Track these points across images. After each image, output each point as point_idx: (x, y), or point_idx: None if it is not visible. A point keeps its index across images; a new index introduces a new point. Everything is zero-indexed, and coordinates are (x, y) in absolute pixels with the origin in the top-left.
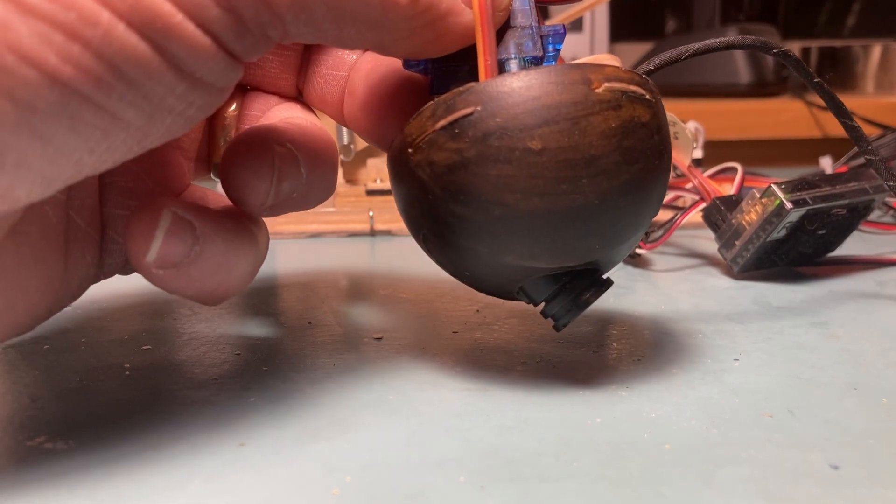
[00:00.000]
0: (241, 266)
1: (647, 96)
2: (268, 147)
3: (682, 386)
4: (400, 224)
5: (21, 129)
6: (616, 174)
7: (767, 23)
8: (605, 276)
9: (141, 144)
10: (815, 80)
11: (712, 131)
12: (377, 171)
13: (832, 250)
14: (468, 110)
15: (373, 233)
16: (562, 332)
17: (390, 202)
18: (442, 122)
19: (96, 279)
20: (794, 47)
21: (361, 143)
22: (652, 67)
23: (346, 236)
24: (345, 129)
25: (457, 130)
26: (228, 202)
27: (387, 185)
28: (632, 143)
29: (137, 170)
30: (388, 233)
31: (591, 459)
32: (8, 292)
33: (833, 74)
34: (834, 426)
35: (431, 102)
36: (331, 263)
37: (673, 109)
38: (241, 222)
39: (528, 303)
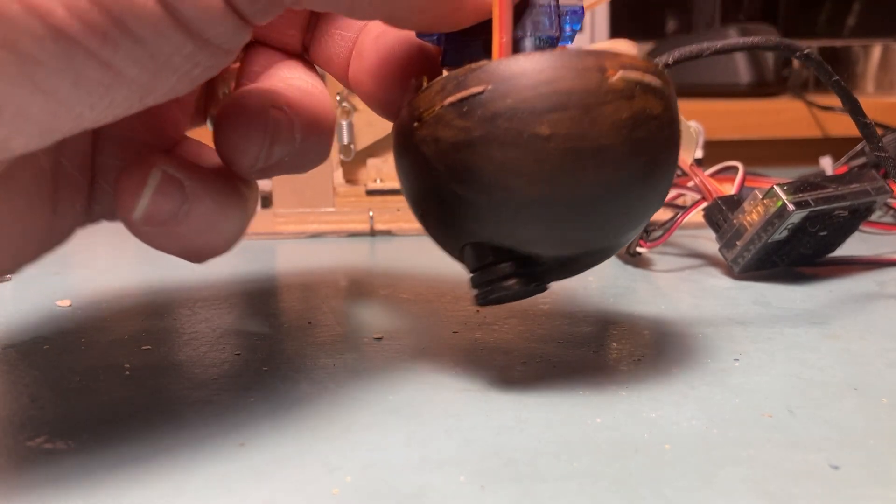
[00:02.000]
0: (228, 227)
1: (662, 88)
2: (263, 110)
3: (682, 386)
4: (400, 224)
5: (22, 82)
6: (623, 166)
7: (767, 23)
8: (544, 280)
9: (143, 102)
10: (835, 78)
11: (712, 131)
12: (377, 171)
13: (832, 251)
14: (479, 89)
15: (373, 233)
16: (562, 332)
17: (390, 202)
18: (451, 99)
19: (83, 225)
20: None
21: (361, 143)
22: (670, 61)
23: (346, 236)
24: (345, 129)
25: (465, 109)
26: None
27: (387, 185)
28: (642, 134)
29: (132, 119)
30: (388, 233)
31: (591, 459)
32: None
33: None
34: (834, 426)
35: (442, 77)
36: (331, 263)
37: None
38: (232, 182)
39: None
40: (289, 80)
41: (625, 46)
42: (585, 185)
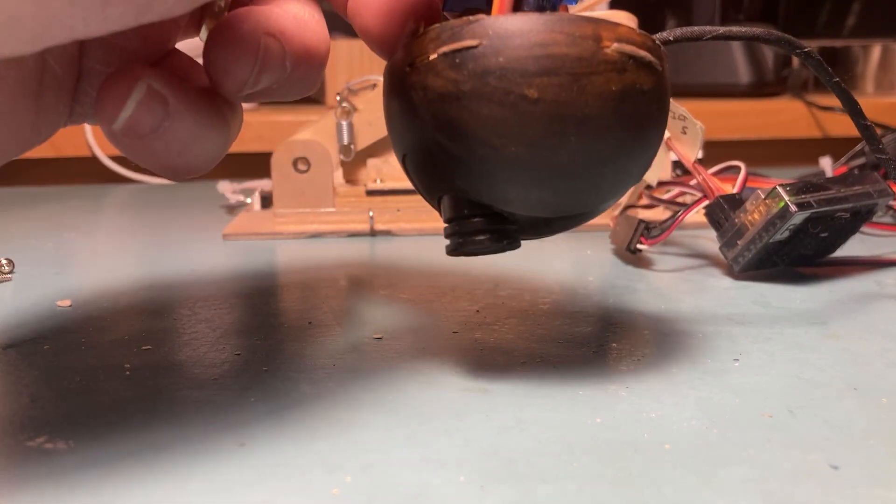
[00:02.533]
0: (207, 148)
1: (655, 63)
2: (256, 35)
3: (682, 386)
4: (400, 224)
5: None
6: (605, 138)
7: (767, 23)
8: (516, 238)
9: (138, 20)
10: (835, 79)
11: (712, 131)
12: (377, 171)
13: (833, 251)
14: (473, 42)
15: (373, 233)
16: (562, 332)
17: (390, 202)
18: (444, 49)
19: (66, 125)
20: None
21: (361, 143)
22: (671, 38)
23: (346, 236)
24: (345, 129)
25: (457, 60)
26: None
27: (387, 185)
28: (629, 109)
29: None
30: (388, 233)
31: (591, 459)
32: None
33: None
34: (834, 426)
35: (438, 25)
36: (331, 263)
37: None
38: (216, 104)
39: (440, 214)
40: (286, 6)
41: (624, 18)
42: (566, 153)
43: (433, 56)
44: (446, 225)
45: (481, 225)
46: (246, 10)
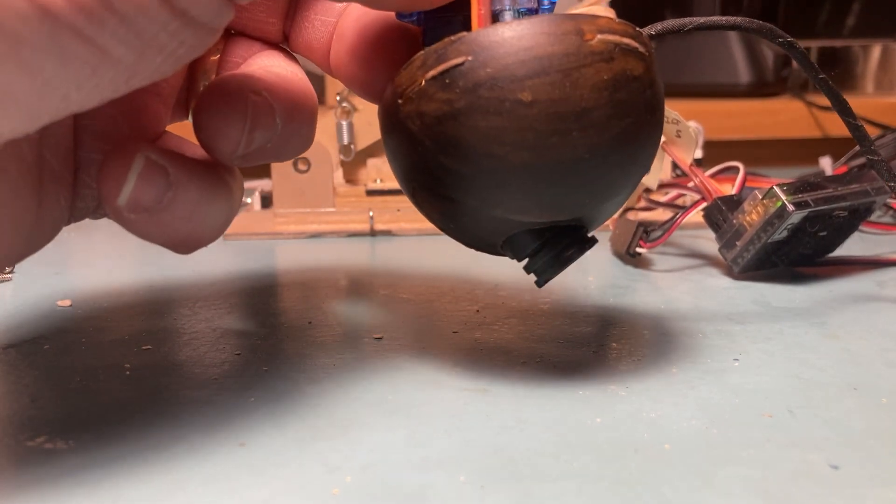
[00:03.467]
0: (214, 215)
1: (641, 49)
2: (242, 95)
3: (682, 386)
4: (400, 224)
5: (8, 61)
6: (607, 128)
7: (767, 22)
8: (589, 235)
9: (129, 83)
10: (820, 75)
11: (712, 131)
12: (377, 171)
13: (832, 251)
14: (459, 60)
15: (373, 233)
16: (562, 332)
17: (390, 202)
18: (432, 72)
19: (68, 222)
20: None
21: (361, 143)
22: (653, 32)
23: (346, 236)
24: (345, 129)
25: (447, 81)
26: (204, 152)
27: (387, 185)
28: (623, 96)
29: (113, 113)
30: (388, 233)
31: (591, 459)
32: None
33: (833, 74)
34: (834, 426)
35: (422, 52)
36: (331, 263)
37: (673, 109)
38: (216, 171)
39: (512, 257)
40: (268, 67)
41: (603, 10)
42: (570, 149)
43: (422, 82)
44: (525, 263)
45: (561, 244)
46: (228, 74)
